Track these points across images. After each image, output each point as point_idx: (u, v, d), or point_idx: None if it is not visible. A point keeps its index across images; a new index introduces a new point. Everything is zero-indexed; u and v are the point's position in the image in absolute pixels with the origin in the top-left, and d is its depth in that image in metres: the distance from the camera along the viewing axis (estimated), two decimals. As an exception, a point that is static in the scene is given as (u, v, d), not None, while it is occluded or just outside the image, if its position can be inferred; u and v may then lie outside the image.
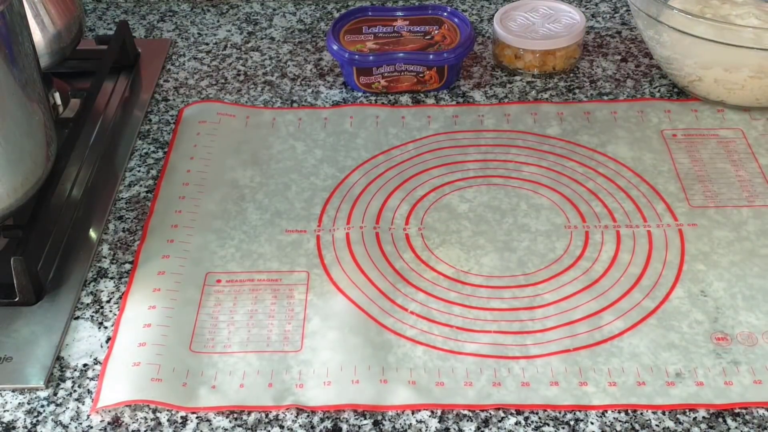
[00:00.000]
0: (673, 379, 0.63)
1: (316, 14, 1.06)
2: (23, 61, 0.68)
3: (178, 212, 0.78)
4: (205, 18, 1.06)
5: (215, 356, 0.66)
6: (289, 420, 0.62)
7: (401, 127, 0.87)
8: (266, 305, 0.70)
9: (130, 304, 0.70)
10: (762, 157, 0.82)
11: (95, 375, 0.65)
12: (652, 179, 0.80)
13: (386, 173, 0.81)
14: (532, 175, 0.80)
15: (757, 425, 0.61)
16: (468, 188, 0.79)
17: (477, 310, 0.69)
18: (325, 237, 0.75)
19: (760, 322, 0.67)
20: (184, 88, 0.94)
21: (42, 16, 0.84)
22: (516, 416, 0.62)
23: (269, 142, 0.86)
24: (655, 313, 0.68)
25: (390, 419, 0.62)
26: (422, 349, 0.66)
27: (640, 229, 0.75)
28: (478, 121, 0.87)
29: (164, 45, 1.01)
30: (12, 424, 0.62)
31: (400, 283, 0.71)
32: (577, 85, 0.92)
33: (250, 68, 0.97)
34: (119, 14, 1.08)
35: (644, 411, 0.62)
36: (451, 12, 0.95)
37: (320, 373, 0.64)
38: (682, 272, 0.71)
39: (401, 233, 0.75)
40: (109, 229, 0.78)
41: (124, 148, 0.86)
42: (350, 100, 0.92)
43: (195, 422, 0.62)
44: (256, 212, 0.78)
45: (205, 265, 0.73)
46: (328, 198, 0.79)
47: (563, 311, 0.68)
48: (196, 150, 0.85)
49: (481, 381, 0.64)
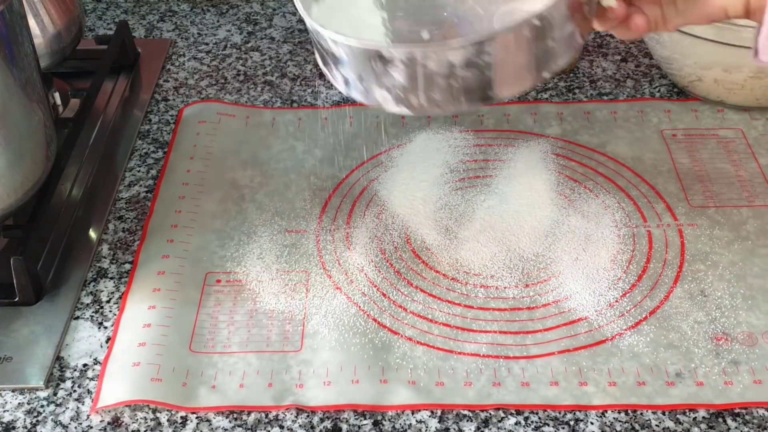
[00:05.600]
0: (673, 379, 0.63)
1: (316, 14, 1.06)
2: (23, 61, 0.68)
3: (178, 212, 0.78)
4: (205, 18, 1.06)
5: (215, 356, 0.66)
6: (289, 420, 0.62)
7: (401, 127, 0.87)
8: (266, 305, 0.70)
9: (130, 304, 0.70)
10: (762, 157, 0.82)
11: (95, 375, 0.65)
12: (652, 179, 0.80)
13: (386, 173, 0.81)
14: (532, 176, 0.80)
15: (757, 425, 0.61)
16: (468, 188, 0.79)
17: (477, 310, 0.69)
18: (325, 237, 0.75)
19: (760, 322, 0.67)
20: (184, 88, 0.94)
21: (42, 16, 0.84)
22: (516, 416, 0.62)
23: (269, 142, 0.86)
24: (655, 313, 0.68)
25: (390, 419, 0.62)
26: (422, 349, 0.66)
27: (640, 229, 0.75)
28: (478, 121, 0.87)
29: (164, 45, 1.01)
30: (12, 424, 0.62)
31: (400, 283, 0.71)
32: (577, 85, 0.92)
33: (250, 68, 0.97)
34: (119, 14, 1.08)
35: (644, 411, 0.62)
36: (451, 12, 0.95)
37: (320, 373, 0.64)
38: (682, 272, 0.71)
39: (401, 233, 0.75)
40: (109, 229, 0.78)
41: (123, 148, 0.86)
42: (350, 100, 0.91)
43: (195, 422, 0.62)
44: (256, 212, 0.78)
45: (205, 265, 0.73)
46: (328, 198, 0.79)
47: (563, 311, 0.68)
48: (196, 150, 0.85)
49: (481, 381, 0.64)
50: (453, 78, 0.53)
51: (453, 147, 0.84)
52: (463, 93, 0.54)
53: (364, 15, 0.60)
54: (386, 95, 0.56)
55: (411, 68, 0.53)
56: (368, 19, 0.60)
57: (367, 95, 0.57)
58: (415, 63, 0.53)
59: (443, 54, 0.53)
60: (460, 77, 0.53)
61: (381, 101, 0.56)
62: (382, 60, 0.54)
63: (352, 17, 0.60)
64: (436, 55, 0.53)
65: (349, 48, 0.55)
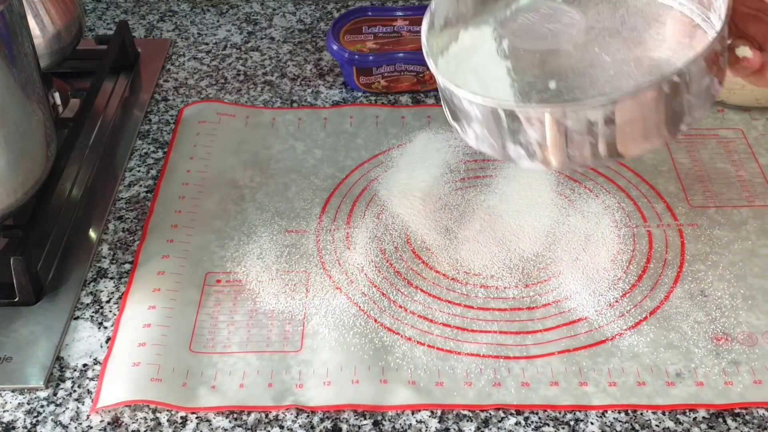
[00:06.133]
0: (673, 379, 0.63)
1: (316, 14, 1.06)
2: (23, 61, 0.68)
3: (177, 212, 0.78)
4: (205, 18, 1.06)
5: (215, 356, 0.66)
6: (289, 420, 0.62)
7: (401, 127, 0.87)
8: (266, 305, 0.70)
9: (130, 304, 0.70)
10: (762, 157, 0.82)
11: (95, 375, 0.65)
12: (652, 179, 0.80)
13: (386, 173, 0.81)
14: (532, 176, 0.80)
15: (757, 425, 0.61)
16: (468, 188, 0.79)
17: (477, 310, 0.69)
18: (325, 237, 0.75)
19: (760, 322, 0.67)
20: (183, 88, 0.94)
21: (42, 16, 0.84)
22: (516, 416, 0.62)
23: (269, 142, 0.86)
24: (655, 313, 0.68)
25: (390, 419, 0.62)
26: (422, 349, 0.66)
27: (640, 229, 0.75)
28: (478, 121, 0.87)
29: (164, 45, 1.01)
30: (12, 424, 0.62)
31: (400, 283, 0.71)
32: (577, 85, 0.92)
33: (250, 68, 0.97)
34: (119, 14, 1.08)
35: (644, 411, 0.62)
36: (451, 12, 0.95)
37: (320, 373, 0.64)
38: (682, 272, 0.71)
39: (401, 233, 0.75)
40: (108, 229, 0.77)
41: (123, 148, 0.86)
42: (350, 100, 0.92)
43: (195, 422, 0.62)
44: (256, 212, 0.78)
45: (205, 265, 0.73)
46: (328, 198, 0.79)
47: (563, 311, 0.68)
48: (196, 150, 0.85)
49: (481, 381, 0.64)
50: (590, 135, 0.53)
51: (453, 147, 0.84)
52: (599, 149, 0.54)
53: (488, 65, 0.61)
54: (520, 152, 0.56)
55: (549, 127, 0.53)
56: (492, 69, 0.60)
57: (499, 152, 0.57)
58: (552, 122, 0.53)
59: (582, 112, 0.53)
60: (598, 134, 0.53)
61: (514, 157, 0.57)
62: (517, 119, 0.54)
63: (477, 68, 0.60)
64: (575, 113, 0.53)
65: (483, 107, 0.55)
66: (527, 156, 0.56)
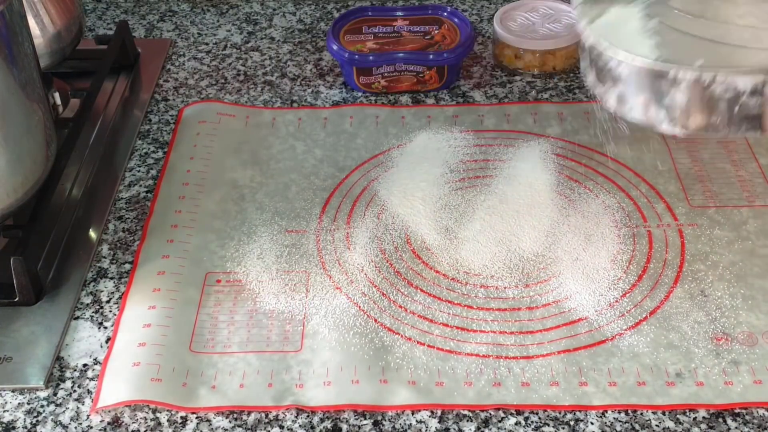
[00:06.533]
0: (673, 379, 0.63)
1: (316, 14, 1.06)
2: (23, 61, 0.68)
3: (178, 212, 0.78)
4: (205, 18, 1.06)
5: (215, 356, 0.66)
6: (289, 420, 0.62)
7: (401, 127, 0.87)
8: (266, 305, 0.70)
9: (130, 304, 0.70)
10: (762, 157, 0.82)
11: (95, 375, 0.65)
12: (652, 179, 0.80)
13: (386, 173, 0.81)
14: (532, 176, 0.80)
15: (757, 425, 0.61)
16: (468, 188, 0.79)
17: (477, 310, 0.69)
18: (325, 237, 0.75)
19: (760, 322, 0.67)
20: (183, 88, 0.94)
21: (42, 16, 0.84)
22: (516, 416, 0.62)
23: (269, 142, 0.86)
24: (655, 313, 0.68)
25: (390, 419, 0.62)
26: (422, 349, 0.66)
27: (640, 229, 0.75)
28: (478, 121, 0.87)
29: (164, 45, 1.01)
30: (12, 424, 0.62)
31: (400, 283, 0.71)
32: (577, 85, 0.92)
33: (250, 68, 0.97)
34: (119, 14, 1.08)
35: (644, 411, 0.62)
36: (451, 12, 0.95)
37: (320, 373, 0.64)
38: (682, 272, 0.71)
39: (401, 233, 0.75)
40: (108, 229, 0.78)
41: (123, 148, 0.86)
42: (350, 100, 0.92)
43: (195, 422, 0.62)
44: (256, 212, 0.78)
45: (205, 265, 0.73)
46: (328, 198, 0.79)
47: (563, 311, 0.68)
48: (196, 150, 0.85)
49: (481, 381, 0.64)
50: (736, 104, 0.55)
51: (453, 147, 0.84)
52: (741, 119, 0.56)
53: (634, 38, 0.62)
54: (662, 115, 0.58)
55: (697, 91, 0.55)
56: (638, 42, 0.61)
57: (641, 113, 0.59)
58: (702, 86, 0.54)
59: (732, 80, 0.54)
60: (743, 104, 0.54)
61: (655, 120, 0.58)
62: (668, 81, 0.55)
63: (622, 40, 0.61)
64: (725, 79, 0.54)
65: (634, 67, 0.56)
66: (668, 119, 0.57)
